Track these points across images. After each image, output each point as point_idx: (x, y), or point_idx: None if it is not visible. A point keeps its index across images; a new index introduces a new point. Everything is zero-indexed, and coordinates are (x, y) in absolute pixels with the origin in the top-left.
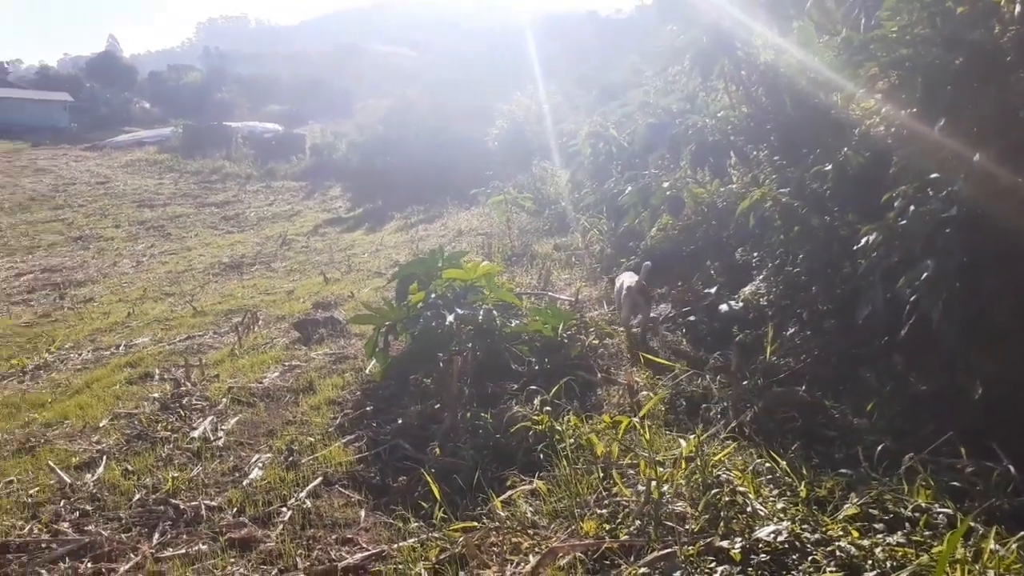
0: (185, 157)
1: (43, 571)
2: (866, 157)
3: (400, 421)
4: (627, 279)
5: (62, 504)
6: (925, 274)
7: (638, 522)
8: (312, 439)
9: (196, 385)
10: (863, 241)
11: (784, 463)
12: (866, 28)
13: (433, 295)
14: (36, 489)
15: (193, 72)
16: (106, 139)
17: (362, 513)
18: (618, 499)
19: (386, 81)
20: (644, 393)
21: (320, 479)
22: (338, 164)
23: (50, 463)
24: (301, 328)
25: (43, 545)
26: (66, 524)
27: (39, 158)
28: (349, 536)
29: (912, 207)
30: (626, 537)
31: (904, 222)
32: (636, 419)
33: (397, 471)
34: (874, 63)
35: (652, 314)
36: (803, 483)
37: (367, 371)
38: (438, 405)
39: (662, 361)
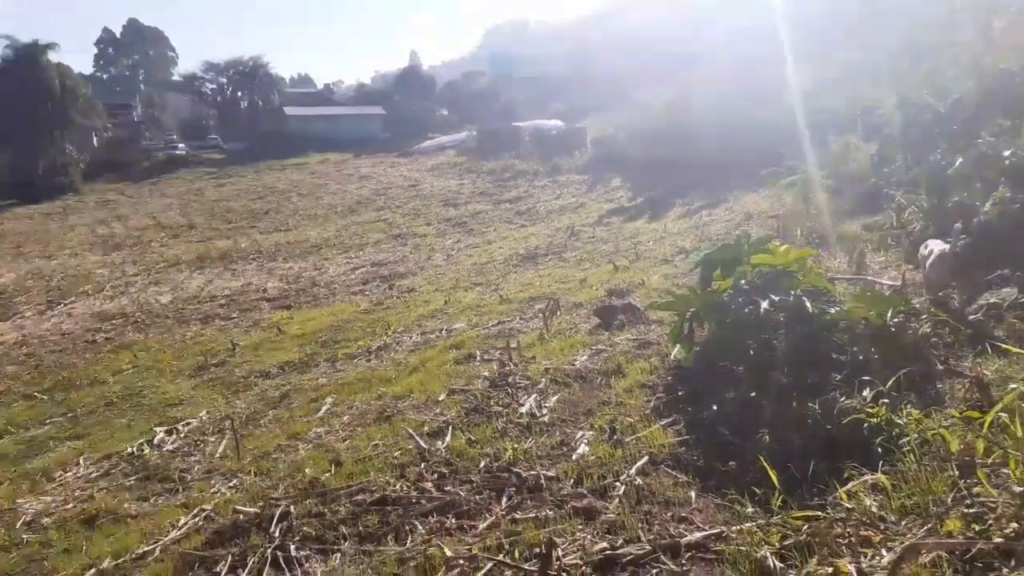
0: (480, 158)
1: (416, 523)
2: None
3: (716, 407)
4: (936, 245)
5: (422, 466)
6: None
7: (1014, 525)
8: (631, 420)
9: (517, 365)
10: None
11: None
12: None
13: (742, 282)
14: (399, 452)
15: (482, 78)
16: (413, 146)
17: (692, 494)
18: (983, 500)
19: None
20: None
21: (646, 458)
22: (618, 155)
23: (408, 430)
24: (601, 314)
25: (413, 500)
26: (428, 484)
27: (361, 166)
28: (684, 515)
29: None
30: (1000, 540)
31: None
32: (996, 414)
33: (720, 456)
34: None
35: (993, 299)
36: None
37: (672, 356)
38: (753, 393)
39: (1017, 350)
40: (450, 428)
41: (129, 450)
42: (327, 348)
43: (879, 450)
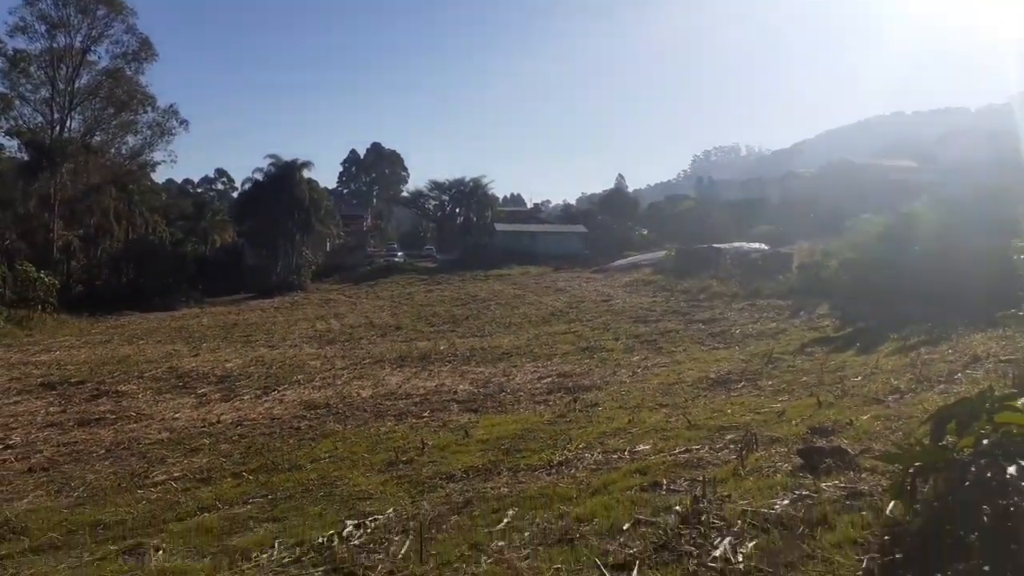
0: (676, 277)
1: None
2: None
3: None
4: None
5: None
6: None
7: None
8: None
9: (710, 502)
10: None
11: None
12: None
13: (985, 441)
14: None
15: (686, 201)
16: (610, 263)
17: None
18: None
19: (882, 196)
20: None
21: None
22: (826, 282)
23: (594, 559)
24: (806, 455)
25: None
26: None
27: (559, 280)
28: None
29: None
30: None
31: None
32: None
33: None
34: None
35: None
36: None
37: (888, 512)
38: (987, 568)
39: None
40: (637, 563)
41: (320, 540)
42: (510, 456)
43: None
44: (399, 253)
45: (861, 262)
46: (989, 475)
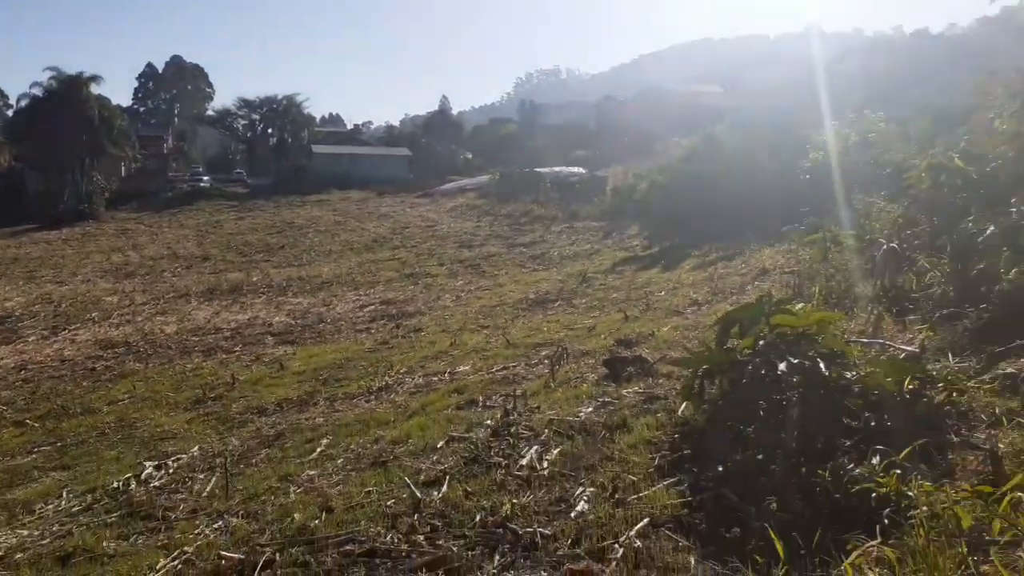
0: (499, 202)
1: None
2: None
3: (721, 469)
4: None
5: (415, 517)
6: None
7: None
8: (634, 478)
9: (521, 415)
10: None
11: None
12: None
13: (762, 342)
14: (392, 501)
15: (509, 124)
16: (435, 187)
17: (692, 560)
18: None
19: (691, 120)
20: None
21: (647, 520)
22: (637, 204)
23: (404, 478)
24: (610, 365)
25: (403, 554)
26: (420, 536)
27: (382, 205)
28: None
29: None
30: None
31: None
32: (1010, 490)
33: (724, 520)
34: None
35: (1010, 368)
36: None
37: (680, 413)
38: (761, 456)
39: None
40: (447, 478)
41: (115, 484)
42: (328, 386)
43: (887, 522)
44: (205, 178)
45: (668, 184)
46: (763, 372)
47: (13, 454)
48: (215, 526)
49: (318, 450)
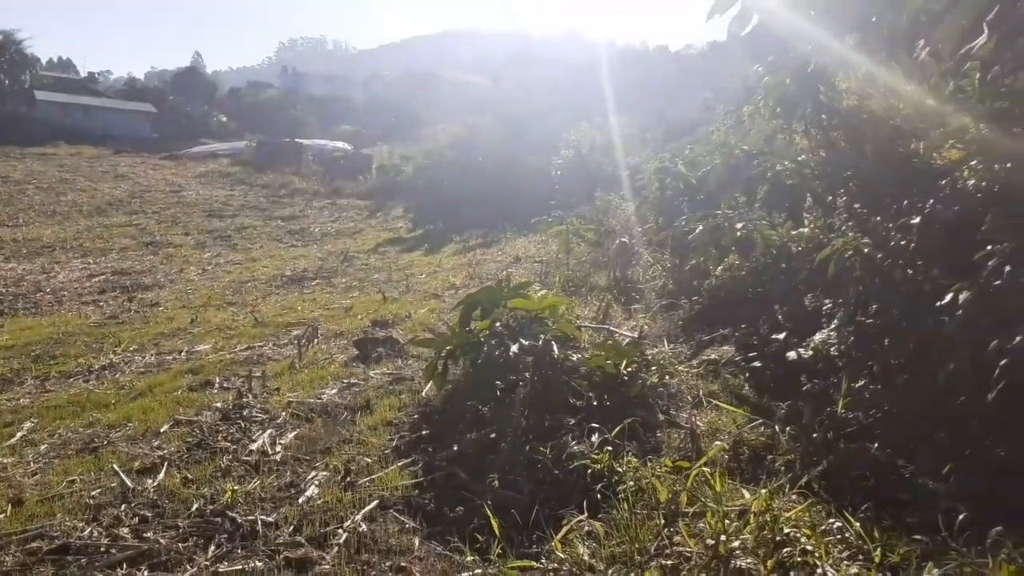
0: (256, 171)
1: (100, 575)
2: (955, 212)
3: (456, 448)
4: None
5: (123, 508)
6: (1020, 338)
7: (704, 575)
8: (369, 460)
9: (257, 397)
10: (949, 298)
11: (857, 525)
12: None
13: (498, 324)
14: (98, 491)
15: (270, 90)
16: (183, 149)
17: (416, 541)
18: (680, 549)
19: (457, 108)
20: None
21: (376, 502)
22: (403, 186)
23: (114, 466)
24: (360, 346)
25: (102, 549)
26: (125, 529)
27: (120, 164)
28: (403, 564)
29: (1008, 267)
30: None
31: (998, 282)
32: (701, 467)
33: (453, 500)
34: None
35: (713, 355)
36: (877, 547)
37: (424, 394)
38: (494, 435)
39: (727, 406)
40: (165, 465)
41: None
42: (39, 364)
43: (599, 496)
44: None
45: (434, 168)
46: (498, 353)
47: None
48: None
49: (18, 435)
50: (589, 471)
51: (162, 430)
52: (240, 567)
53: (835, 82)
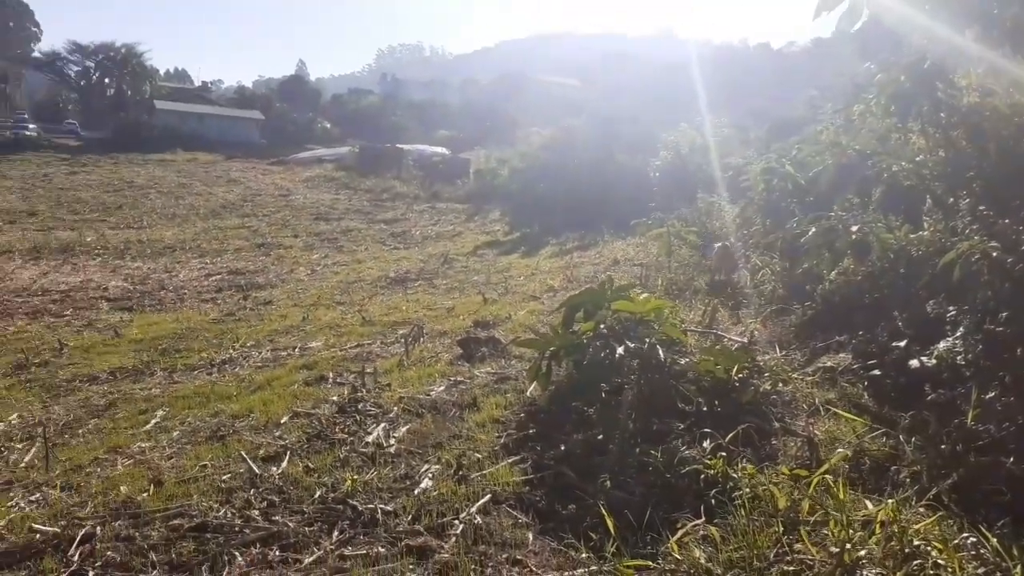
0: (359, 175)
1: (236, 553)
2: None
3: (563, 448)
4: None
5: (252, 492)
6: None
7: None
8: (479, 455)
9: (370, 392)
10: None
11: (994, 540)
12: None
13: (603, 326)
14: (228, 475)
15: (370, 96)
16: (290, 155)
17: (530, 536)
18: (802, 556)
19: (551, 110)
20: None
21: (489, 497)
22: (499, 189)
23: (241, 453)
24: (464, 345)
25: (236, 529)
26: (256, 512)
27: (232, 170)
28: (519, 557)
29: None
30: None
31: None
32: (822, 475)
33: (562, 498)
34: None
35: (829, 363)
36: (1016, 565)
37: (528, 393)
38: (601, 436)
39: (846, 414)
40: (288, 453)
41: None
42: (166, 357)
43: (713, 502)
44: (32, 126)
45: (529, 171)
46: (604, 355)
47: None
48: (31, 499)
49: (152, 422)
50: (702, 476)
51: (282, 421)
52: (364, 552)
53: (954, 78)
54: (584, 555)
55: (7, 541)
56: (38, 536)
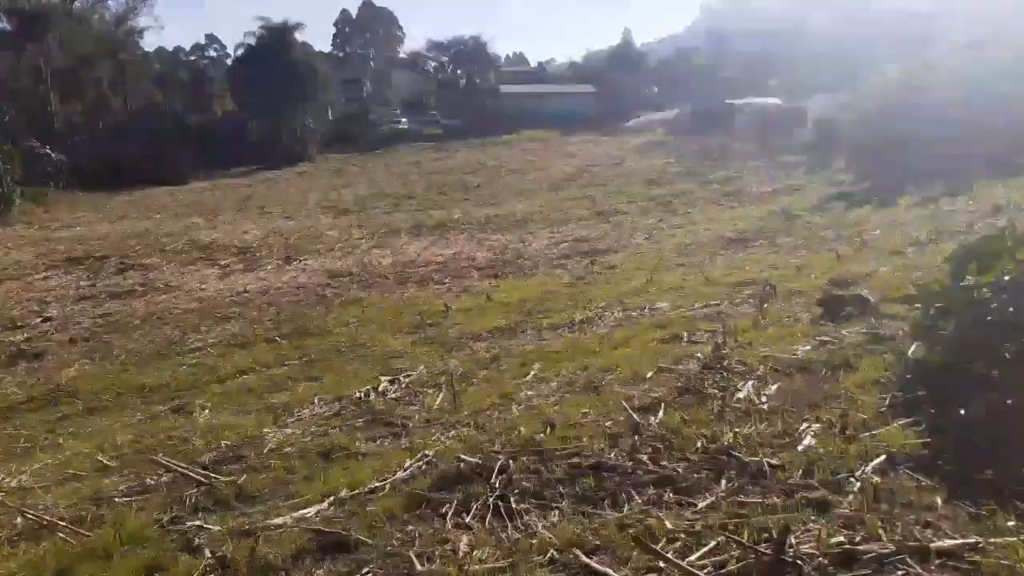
0: (688, 136)
1: (633, 492)
2: None
3: (963, 412)
4: None
5: (635, 439)
6: None
7: None
8: (863, 416)
9: (732, 350)
10: None
11: None
12: None
13: (1007, 278)
14: (610, 423)
15: (696, 55)
16: (621, 124)
17: (938, 499)
18: None
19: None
20: None
21: (883, 457)
22: (843, 136)
23: (622, 402)
24: (826, 304)
25: (628, 470)
26: (643, 456)
27: (568, 144)
28: (929, 519)
29: None
30: None
31: None
32: None
33: (971, 463)
34: None
35: None
36: None
37: (910, 354)
38: (1010, 401)
39: None
40: (662, 405)
41: (357, 394)
42: (532, 317)
43: None
44: (403, 120)
45: (878, 114)
46: (1011, 311)
47: (269, 365)
48: (449, 434)
49: (532, 373)
50: None
51: (647, 375)
52: (760, 500)
53: None
54: (1012, 523)
55: (440, 468)
56: (463, 465)
